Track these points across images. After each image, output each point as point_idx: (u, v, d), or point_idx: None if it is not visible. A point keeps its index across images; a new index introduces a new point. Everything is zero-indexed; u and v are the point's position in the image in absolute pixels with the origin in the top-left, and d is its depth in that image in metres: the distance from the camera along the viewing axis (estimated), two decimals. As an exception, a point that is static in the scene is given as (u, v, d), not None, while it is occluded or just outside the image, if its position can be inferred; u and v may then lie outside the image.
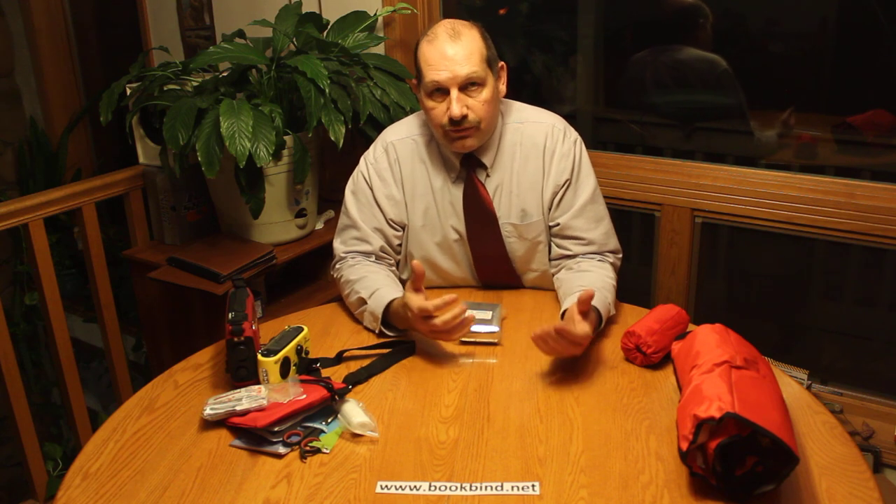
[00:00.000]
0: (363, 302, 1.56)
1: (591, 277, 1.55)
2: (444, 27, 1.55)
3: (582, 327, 1.32)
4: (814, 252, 2.26)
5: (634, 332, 1.38)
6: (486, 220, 1.64)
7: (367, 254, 1.67)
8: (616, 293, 1.59)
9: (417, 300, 1.40)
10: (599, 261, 1.62)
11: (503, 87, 1.62)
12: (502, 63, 1.62)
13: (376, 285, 1.56)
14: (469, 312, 1.49)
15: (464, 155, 1.62)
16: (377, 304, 1.52)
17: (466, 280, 1.73)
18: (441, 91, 1.53)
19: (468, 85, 1.52)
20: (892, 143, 1.94)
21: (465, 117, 1.52)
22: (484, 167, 1.63)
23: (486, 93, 1.53)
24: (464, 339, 1.48)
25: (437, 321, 1.38)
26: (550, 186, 1.62)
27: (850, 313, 2.33)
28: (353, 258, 1.67)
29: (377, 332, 1.54)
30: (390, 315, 1.52)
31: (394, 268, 1.70)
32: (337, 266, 1.69)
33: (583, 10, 2.33)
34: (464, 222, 1.65)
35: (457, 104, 1.51)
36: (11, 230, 2.11)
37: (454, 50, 1.51)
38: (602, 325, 1.48)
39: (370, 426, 1.21)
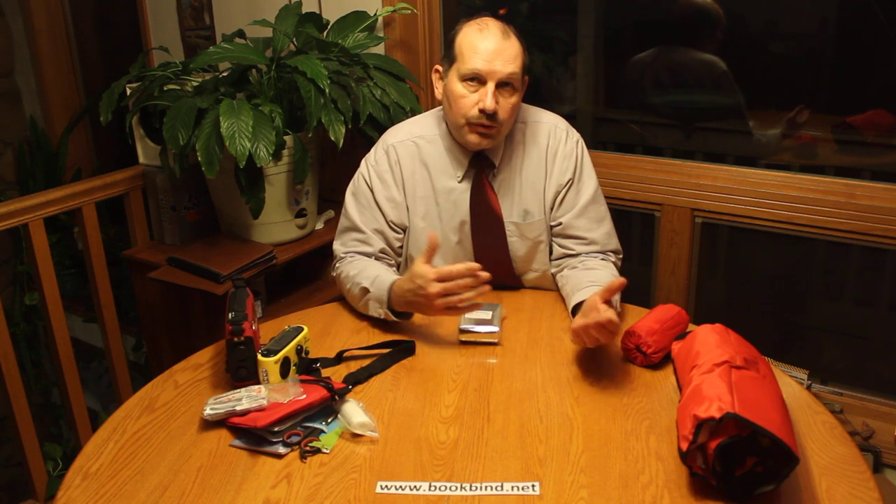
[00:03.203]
0: (366, 291, 1.55)
1: (599, 274, 1.55)
2: (496, 23, 1.54)
3: (608, 313, 1.29)
4: (814, 252, 2.26)
5: (634, 332, 1.38)
6: (492, 220, 1.64)
7: (366, 255, 1.67)
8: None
9: (427, 268, 1.40)
10: (603, 259, 1.63)
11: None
12: (527, 77, 1.62)
13: (376, 272, 1.56)
14: (470, 313, 1.50)
15: (473, 154, 1.62)
16: (380, 289, 1.52)
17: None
18: (476, 80, 1.52)
19: (503, 85, 1.52)
20: (892, 143, 1.94)
21: (495, 113, 1.52)
22: (493, 166, 1.63)
23: (515, 98, 1.55)
24: (464, 339, 1.48)
25: (450, 284, 1.38)
26: (553, 186, 1.62)
27: (850, 313, 2.33)
28: (351, 256, 1.67)
29: (383, 316, 1.53)
30: (393, 298, 1.51)
31: (393, 269, 1.70)
32: (336, 266, 1.69)
33: (583, 10, 2.33)
34: (469, 223, 1.65)
35: (492, 98, 1.50)
36: (11, 230, 2.10)
37: (505, 47, 1.51)
38: None
39: (370, 426, 1.21)
